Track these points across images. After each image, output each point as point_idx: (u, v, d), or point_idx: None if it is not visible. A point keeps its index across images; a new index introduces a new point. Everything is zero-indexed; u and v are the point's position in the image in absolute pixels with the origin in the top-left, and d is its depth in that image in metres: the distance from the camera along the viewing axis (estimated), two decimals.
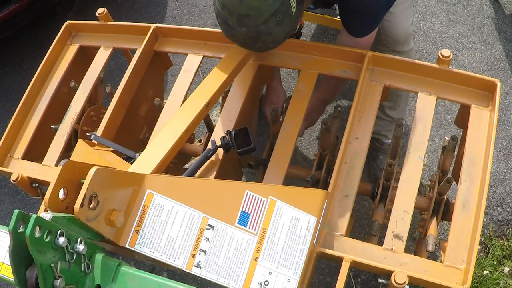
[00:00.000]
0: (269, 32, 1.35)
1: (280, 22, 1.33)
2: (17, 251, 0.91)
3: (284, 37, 1.41)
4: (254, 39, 1.37)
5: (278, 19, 1.33)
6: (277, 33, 1.36)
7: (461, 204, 1.39)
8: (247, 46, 1.44)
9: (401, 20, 1.85)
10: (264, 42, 1.38)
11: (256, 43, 1.39)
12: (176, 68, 2.57)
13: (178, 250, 1.14)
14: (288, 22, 1.36)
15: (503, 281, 2.10)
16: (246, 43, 1.41)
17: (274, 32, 1.35)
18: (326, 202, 1.31)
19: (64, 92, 1.95)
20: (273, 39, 1.39)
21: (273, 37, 1.37)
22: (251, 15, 1.30)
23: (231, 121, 1.65)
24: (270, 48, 1.44)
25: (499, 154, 2.47)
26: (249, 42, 1.39)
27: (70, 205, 1.04)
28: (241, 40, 1.40)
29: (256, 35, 1.35)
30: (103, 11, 1.93)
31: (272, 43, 1.40)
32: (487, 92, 1.55)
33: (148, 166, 1.30)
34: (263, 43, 1.39)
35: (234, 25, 1.34)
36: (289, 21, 1.36)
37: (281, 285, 1.15)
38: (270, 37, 1.37)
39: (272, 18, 1.31)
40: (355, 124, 1.54)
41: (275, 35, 1.37)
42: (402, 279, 1.20)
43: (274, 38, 1.38)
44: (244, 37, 1.37)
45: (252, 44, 1.40)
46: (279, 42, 1.42)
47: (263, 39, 1.37)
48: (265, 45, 1.40)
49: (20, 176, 1.59)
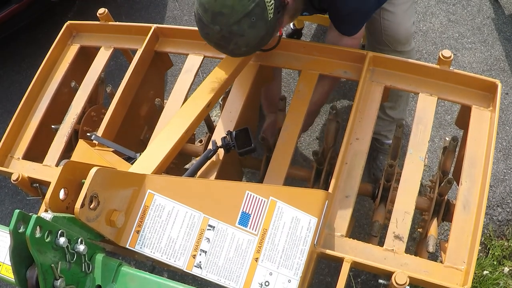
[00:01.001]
0: (242, 33, 1.33)
1: (253, 24, 1.32)
2: (18, 251, 0.91)
3: (257, 42, 1.38)
4: (226, 39, 1.35)
5: (252, 21, 1.31)
6: (250, 35, 1.34)
7: (462, 205, 1.39)
8: (221, 48, 1.41)
9: (402, 20, 1.85)
10: (236, 44, 1.36)
11: (229, 45, 1.37)
12: (176, 68, 2.57)
13: (179, 250, 1.14)
14: (262, 26, 1.34)
15: (503, 281, 2.10)
16: (219, 44, 1.39)
17: (247, 34, 1.33)
18: (327, 202, 1.31)
19: (65, 92, 1.95)
20: (246, 42, 1.36)
21: (246, 39, 1.35)
22: (225, 13, 1.29)
23: (232, 121, 1.65)
24: (244, 52, 1.41)
25: (499, 154, 2.47)
26: (222, 42, 1.37)
27: (70, 205, 1.04)
28: (214, 40, 1.38)
29: (229, 35, 1.33)
30: (104, 11, 1.93)
31: (245, 46, 1.38)
32: (487, 93, 1.55)
33: (149, 166, 1.30)
34: (236, 45, 1.36)
35: (208, 23, 1.33)
36: (263, 25, 1.34)
37: (281, 285, 1.15)
38: (243, 39, 1.35)
39: (246, 18, 1.30)
40: (355, 125, 1.54)
41: (248, 37, 1.35)
42: (402, 279, 1.20)
43: (247, 41, 1.36)
44: (217, 37, 1.35)
45: (225, 45, 1.38)
46: (252, 46, 1.39)
47: (235, 40, 1.35)
48: (237, 47, 1.38)
49: (20, 176, 1.59)
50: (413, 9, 1.92)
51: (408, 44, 1.94)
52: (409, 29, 1.90)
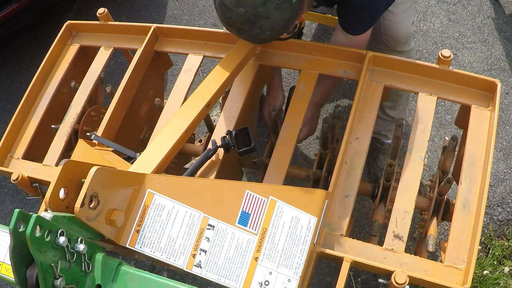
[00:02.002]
0: (267, 15, 1.30)
1: (279, 6, 1.29)
2: (18, 250, 0.91)
3: (283, 25, 1.35)
4: (251, 22, 1.31)
5: (277, 2, 1.29)
6: (275, 18, 1.31)
7: (462, 204, 1.39)
8: (244, 33, 1.37)
9: (402, 20, 1.85)
10: (261, 28, 1.33)
11: (253, 28, 1.33)
12: (176, 68, 2.57)
13: (179, 250, 1.14)
14: (287, 9, 1.31)
15: (503, 281, 2.10)
16: (242, 29, 1.35)
17: (273, 16, 1.30)
18: (327, 202, 1.31)
19: (65, 92, 1.95)
20: (272, 25, 1.33)
21: (271, 22, 1.32)
22: None
23: (232, 121, 1.65)
24: (267, 36, 1.38)
25: (499, 154, 2.47)
26: (246, 26, 1.33)
27: (70, 204, 1.04)
28: (238, 24, 1.34)
29: (254, 18, 1.30)
30: (104, 11, 1.93)
31: (270, 29, 1.34)
32: (487, 93, 1.55)
33: (149, 166, 1.30)
34: (260, 29, 1.33)
35: (231, 6, 1.30)
36: (289, 8, 1.31)
37: (281, 285, 1.15)
38: (268, 22, 1.32)
39: (272, 0, 1.28)
40: (355, 124, 1.54)
41: (273, 20, 1.32)
42: (402, 279, 1.20)
43: (273, 24, 1.33)
44: (241, 20, 1.32)
45: (249, 29, 1.34)
46: (277, 30, 1.36)
47: (260, 23, 1.31)
48: (262, 31, 1.34)
49: (20, 176, 1.59)
50: (412, 9, 1.92)
51: (407, 44, 1.93)
52: (409, 29, 1.90)
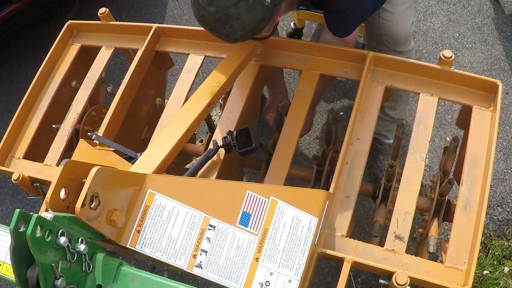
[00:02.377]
0: (238, 16, 1.31)
1: (250, 7, 1.30)
2: (18, 250, 0.91)
3: (253, 27, 1.37)
4: (222, 22, 1.33)
5: (249, 4, 1.30)
6: (246, 19, 1.33)
7: (463, 205, 1.39)
8: (215, 31, 1.39)
9: (401, 20, 1.85)
10: (232, 27, 1.34)
11: (224, 28, 1.35)
12: (177, 68, 2.57)
13: (179, 250, 1.14)
14: (259, 10, 1.32)
15: (503, 281, 2.10)
16: (214, 27, 1.37)
17: (243, 17, 1.32)
18: (328, 202, 1.31)
19: (66, 92, 1.95)
20: (242, 26, 1.34)
21: (241, 22, 1.33)
22: None
23: (233, 121, 1.65)
24: (238, 36, 1.39)
25: (499, 154, 2.47)
26: (217, 25, 1.35)
27: (71, 204, 1.04)
28: (209, 22, 1.36)
29: (225, 17, 1.32)
30: (105, 11, 1.93)
31: (240, 30, 1.35)
32: (488, 93, 1.55)
33: (150, 166, 1.30)
34: (231, 28, 1.35)
35: (203, 4, 1.31)
36: (260, 10, 1.32)
37: (282, 285, 1.15)
38: (239, 23, 1.33)
39: (243, 1, 1.29)
40: (356, 125, 1.54)
41: (244, 21, 1.33)
42: (403, 280, 1.20)
43: (243, 25, 1.34)
44: (213, 19, 1.33)
45: (220, 28, 1.36)
46: (247, 31, 1.37)
47: (231, 23, 1.33)
48: (233, 31, 1.35)
49: (21, 175, 1.59)
50: (412, 9, 1.92)
51: (407, 44, 1.93)
52: (409, 29, 1.89)
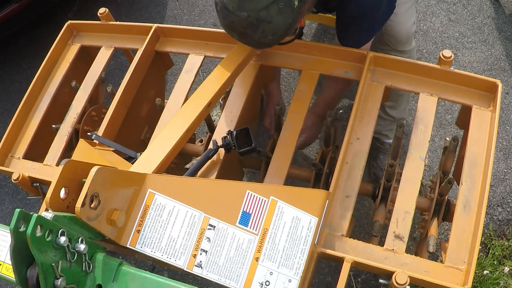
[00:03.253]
0: (270, 20, 1.30)
1: (281, 10, 1.29)
2: (18, 250, 0.91)
3: (284, 30, 1.36)
4: (253, 26, 1.32)
5: (279, 7, 1.29)
6: (277, 22, 1.32)
7: (462, 205, 1.39)
8: (246, 37, 1.38)
9: (403, 20, 1.85)
10: (263, 32, 1.33)
11: (255, 33, 1.33)
12: (176, 68, 2.57)
13: (179, 250, 1.14)
14: (289, 13, 1.32)
15: (503, 281, 2.10)
16: (244, 33, 1.36)
17: (275, 20, 1.31)
18: (327, 202, 1.31)
19: (65, 92, 1.95)
20: (274, 29, 1.33)
21: (273, 26, 1.32)
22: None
23: (233, 121, 1.65)
24: (269, 41, 1.38)
25: (499, 154, 2.47)
26: (248, 31, 1.34)
27: (71, 204, 1.04)
28: (240, 28, 1.34)
29: (256, 22, 1.30)
30: (105, 11, 1.93)
31: (272, 34, 1.35)
32: (488, 93, 1.55)
33: (149, 165, 1.30)
34: (262, 33, 1.34)
35: (234, 10, 1.30)
36: (290, 12, 1.32)
37: (282, 285, 1.15)
38: (271, 26, 1.32)
39: (274, 4, 1.28)
40: (356, 125, 1.54)
41: (276, 24, 1.32)
42: (403, 279, 1.20)
43: (274, 28, 1.33)
44: (243, 24, 1.32)
45: (251, 33, 1.34)
46: (278, 35, 1.37)
47: (262, 27, 1.32)
48: (264, 36, 1.34)
49: (21, 175, 1.59)
50: (413, 8, 1.92)
51: (409, 44, 1.94)
52: (410, 28, 1.90)
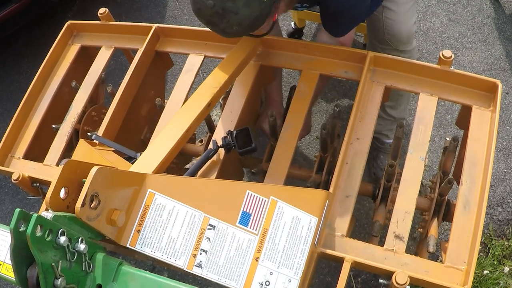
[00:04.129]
0: (236, 11, 1.31)
1: (248, 3, 1.31)
2: (18, 250, 0.91)
3: (250, 22, 1.37)
4: (219, 16, 1.33)
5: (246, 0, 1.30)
6: (243, 14, 1.33)
7: (462, 205, 1.39)
8: (212, 25, 1.40)
9: (404, 19, 1.85)
10: (229, 22, 1.34)
11: (221, 22, 1.35)
12: (176, 68, 2.57)
13: (179, 250, 1.14)
14: (256, 6, 1.33)
15: (503, 280, 2.10)
16: (211, 21, 1.38)
17: (241, 12, 1.32)
18: (327, 202, 1.31)
19: (65, 92, 1.95)
20: (239, 21, 1.34)
21: (239, 17, 1.33)
22: None
23: (233, 121, 1.65)
24: (235, 31, 1.39)
25: (499, 154, 2.47)
26: (214, 19, 1.36)
27: (71, 204, 1.04)
28: (206, 16, 1.36)
29: (222, 11, 1.32)
30: (105, 11, 1.93)
31: (237, 25, 1.36)
32: (488, 93, 1.55)
33: (149, 165, 1.30)
34: (228, 23, 1.35)
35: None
36: (258, 6, 1.33)
37: (282, 285, 1.15)
38: (236, 18, 1.33)
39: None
40: (356, 125, 1.54)
41: (241, 16, 1.33)
42: (403, 279, 1.20)
43: (240, 20, 1.34)
44: (210, 13, 1.34)
45: (217, 22, 1.36)
46: (244, 26, 1.37)
47: (228, 18, 1.33)
48: (229, 25, 1.36)
49: (21, 175, 1.59)
50: (414, 8, 1.92)
51: (409, 44, 1.94)
52: (411, 28, 1.90)
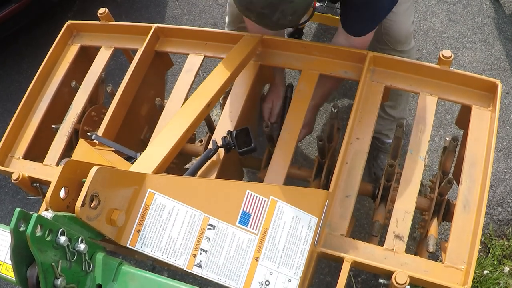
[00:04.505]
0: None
1: None
2: (18, 250, 0.91)
3: (303, 9, 1.33)
4: (273, 6, 1.28)
5: None
6: (298, 1, 1.29)
7: (462, 205, 1.39)
8: (264, 18, 1.34)
9: (402, 19, 1.85)
10: (283, 12, 1.30)
11: (275, 13, 1.30)
12: (176, 68, 2.57)
13: (179, 249, 1.14)
14: None
15: (503, 280, 2.10)
16: (263, 13, 1.32)
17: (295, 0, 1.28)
18: (327, 202, 1.31)
19: (65, 92, 1.95)
20: (294, 9, 1.30)
21: (293, 5, 1.29)
22: None
23: (232, 121, 1.65)
24: (288, 22, 1.35)
25: (499, 154, 2.47)
26: (267, 11, 1.30)
27: (71, 204, 1.04)
28: (259, 8, 1.30)
29: (277, 1, 1.27)
30: (104, 11, 1.93)
31: (292, 14, 1.31)
32: (488, 93, 1.55)
33: (149, 165, 1.30)
34: (282, 14, 1.30)
35: None
36: None
37: (282, 285, 1.15)
38: (291, 6, 1.29)
39: None
40: (356, 125, 1.54)
41: (296, 3, 1.29)
42: (403, 279, 1.20)
43: (295, 8, 1.30)
44: (263, 4, 1.29)
45: (270, 14, 1.31)
46: (297, 15, 1.33)
47: (282, 7, 1.29)
48: (283, 16, 1.31)
49: (21, 175, 1.59)
50: (412, 8, 1.92)
51: (407, 44, 1.94)
52: (409, 28, 1.90)
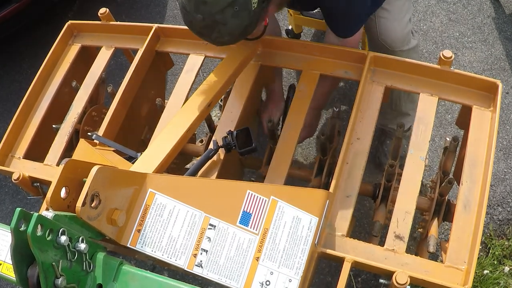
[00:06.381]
0: (225, 22, 1.32)
1: (236, 14, 1.31)
2: (19, 249, 0.91)
3: (241, 32, 1.38)
4: (209, 28, 1.35)
5: (235, 11, 1.30)
6: (232, 25, 1.34)
7: (462, 205, 1.39)
8: (204, 36, 1.41)
9: (397, 17, 1.82)
10: (219, 33, 1.36)
11: (212, 33, 1.37)
12: (177, 68, 2.57)
13: (180, 249, 1.14)
14: (245, 16, 1.33)
15: (503, 280, 2.10)
16: (202, 32, 1.39)
17: (230, 23, 1.33)
18: (328, 202, 1.31)
19: (66, 92, 1.95)
20: (229, 31, 1.36)
21: (228, 28, 1.34)
22: (208, 2, 1.29)
23: (233, 121, 1.66)
24: (227, 40, 1.41)
25: (500, 154, 2.47)
26: (204, 31, 1.37)
27: (71, 204, 1.04)
28: (197, 28, 1.38)
29: (212, 24, 1.33)
30: (105, 11, 1.93)
31: (228, 35, 1.37)
32: (488, 93, 1.55)
33: (150, 165, 1.30)
34: (219, 34, 1.36)
35: (191, 11, 1.33)
36: (247, 15, 1.33)
37: (282, 285, 1.15)
38: (226, 28, 1.34)
39: (229, 8, 1.29)
40: (356, 125, 1.54)
41: (231, 26, 1.34)
42: (403, 279, 1.20)
43: (230, 30, 1.35)
44: (200, 25, 1.35)
45: (208, 33, 1.38)
46: (235, 35, 1.39)
47: (218, 29, 1.34)
48: (220, 36, 1.37)
49: (21, 175, 1.59)
50: (409, 5, 1.88)
51: (406, 43, 1.89)
52: (405, 27, 1.86)
